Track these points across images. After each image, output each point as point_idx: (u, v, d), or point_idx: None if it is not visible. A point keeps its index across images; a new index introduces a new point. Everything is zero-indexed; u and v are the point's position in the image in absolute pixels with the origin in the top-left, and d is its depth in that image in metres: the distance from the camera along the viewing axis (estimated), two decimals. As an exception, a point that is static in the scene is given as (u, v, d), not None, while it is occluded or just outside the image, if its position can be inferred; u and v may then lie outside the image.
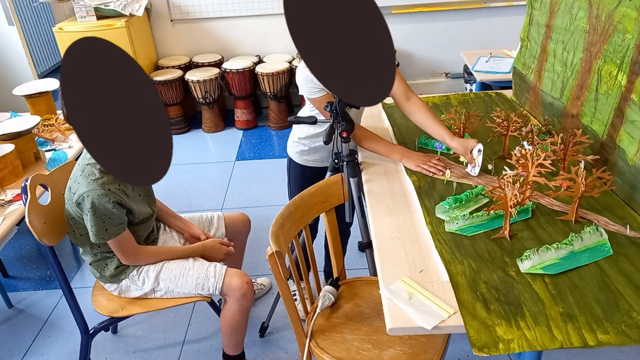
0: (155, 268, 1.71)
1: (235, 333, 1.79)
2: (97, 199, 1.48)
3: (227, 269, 1.72)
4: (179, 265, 1.72)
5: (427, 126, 1.72)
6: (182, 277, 1.70)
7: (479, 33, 4.18)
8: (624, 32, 1.41)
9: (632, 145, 1.38)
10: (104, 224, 1.52)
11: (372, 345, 1.45)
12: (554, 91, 1.83)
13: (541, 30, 1.94)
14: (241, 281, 1.69)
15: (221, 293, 1.70)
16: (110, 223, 1.53)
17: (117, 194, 1.52)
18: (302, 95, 1.77)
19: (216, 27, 4.18)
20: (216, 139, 4.06)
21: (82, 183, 1.50)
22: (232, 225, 2.00)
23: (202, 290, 1.70)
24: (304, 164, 1.96)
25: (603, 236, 1.28)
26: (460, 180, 1.58)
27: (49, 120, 2.40)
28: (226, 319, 1.76)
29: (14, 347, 2.14)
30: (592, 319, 1.05)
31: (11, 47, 3.99)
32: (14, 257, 2.74)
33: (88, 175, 1.50)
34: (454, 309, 1.10)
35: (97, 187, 1.48)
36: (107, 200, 1.49)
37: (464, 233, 1.34)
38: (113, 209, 1.51)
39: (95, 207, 1.48)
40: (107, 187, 1.50)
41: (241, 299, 1.70)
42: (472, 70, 3.03)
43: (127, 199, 1.57)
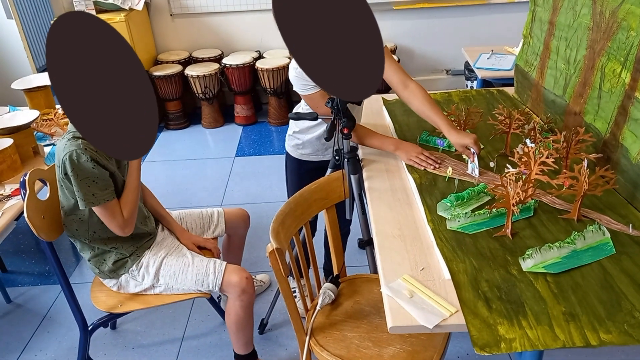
0: (155, 264, 1.70)
1: (242, 330, 1.78)
2: (75, 157, 1.47)
3: (226, 265, 1.71)
4: (179, 261, 1.72)
5: (425, 115, 1.69)
6: (181, 274, 1.69)
7: (480, 29, 4.16)
8: (628, 29, 1.40)
9: (636, 144, 1.37)
10: (90, 188, 1.50)
11: (372, 343, 1.44)
12: (557, 89, 1.82)
13: (544, 27, 1.93)
14: (240, 277, 1.69)
15: (221, 289, 1.69)
16: (96, 187, 1.51)
17: (94, 152, 1.50)
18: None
19: (216, 22, 4.16)
20: (216, 135, 4.04)
21: (60, 151, 1.50)
22: (231, 221, 1.99)
23: (202, 287, 1.69)
24: (300, 158, 1.96)
25: (605, 235, 1.27)
26: (462, 178, 1.58)
27: (48, 115, 2.38)
28: (230, 317, 1.75)
29: (13, 343, 2.13)
30: (595, 319, 1.05)
31: (10, 41, 3.97)
32: (13, 252, 2.73)
33: (66, 142, 1.50)
34: (455, 307, 1.10)
35: (73, 146, 1.47)
36: (85, 159, 1.48)
37: (466, 231, 1.33)
38: (93, 169, 1.49)
39: (76, 166, 1.48)
40: (83, 147, 1.48)
41: (241, 294, 1.69)
42: (473, 67, 3.02)
43: (106, 158, 1.55)
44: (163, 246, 1.77)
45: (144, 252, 1.73)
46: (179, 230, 1.87)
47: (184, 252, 1.77)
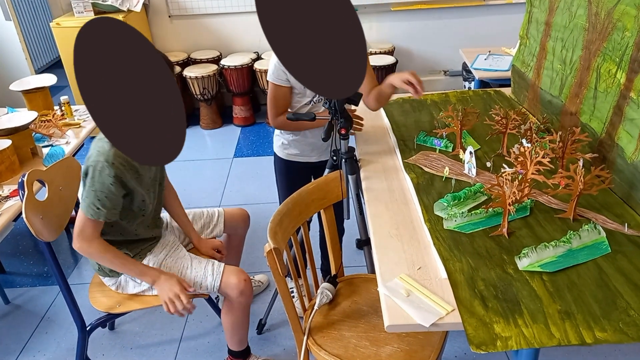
0: (155, 266, 1.70)
1: (238, 330, 1.79)
2: (99, 168, 1.48)
3: (225, 267, 1.71)
4: (177, 263, 1.72)
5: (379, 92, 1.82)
6: (180, 276, 1.69)
7: (478, 31, 4.17)
8: (623, 29, 1.41)
9: (631, 144, 1.38)
10: (97, 200, 1.50)
11: (369, 343, 1.45)
12: (553, 89, 1.83)
13: (540, 27, 1.94)
14: (238, 279, 1.69)
15: (219, 291, 1.70)
16: (102, 202, 1.51)
17: (120, 168, 1.51)
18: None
19: (214, 24, 4.17)
20: (214, 136, 4.05)
21: (94, 151, 1.51)
22: (231, 221, 2.00)
23: (200, 289, 1.69)
24: (287, 159, 1.98)
25: (601, 234, 1.28)
26: (458, 178, 1.58)
27: (46, 116, 2.39)
28: (227, 317, 1.76)
29: (11, 344, 2.14)
30: (590, 317, 1.05)
31: (8, 43, 3.98)
32: (11, 253, 2.73)
33: (98, 149, 1.51)
34: (452, 306, 1.10)
35: (102, 157, 1.48)
36: (107, 173, 1.48)
37: (462, 230, 1.34)
38: (111, 185, 1.49)
39: (96, 176, 1.48)
40: (112, 160, 1.49)
41: (240, 296, 1.70)
42: (470, 67, 3.03)
43: (132, 175, 1.55)
44: (163, 248, 1.77)
45: (145, 255, 1.73)
46: (196, 239, 1.88)
47: (183, 254, 1.77)
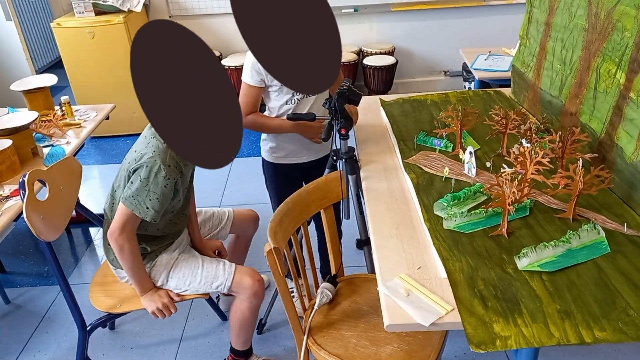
0: (168, 264, 1.71)
1: (244, 330, 1.80)
2: (156, 170, 1.47)
3: (237, 267, 1.72)
4: (189, 263, 1.73)
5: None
6: (191, 276, 1.70)
7: (478, 31, 4.18)
8: (623, 30, 1.41)
9: (630, 144, 1.38)
10: (147, 200, 1.49)
11: (369, 342, 1.45)
12: (553, 89, 1.83)
13: (540, 28, 1.94)
14: (253, 279, 1.70)
15: (230, 291, 1.70)
16: (152, 202, 1.50)
17: (174, 170, 1.51)
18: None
19: (215, 24, 4.17)
20: (214, 136, 4.05)
21: (149, 150, 1.50)
22: (241, 222, 2.00)
23: (210, 289, 1.70)
24: (275, 162, 1.98)
25: (600, 234, 1.28)
26: (458, 178, 1.59)
27: (47, 116, 2.39)
28: (236, 315, 1.76)
29: (12, 344, 2.14)
30: (589, 316, 1.06)
31: (9, 43, 3.98)
32: (12, 253, 2.74)
33: (154, 148, 1.50)
34: (451, 305, 1.11)
35: (159, 159, 1.48)
36: (163, 176, 1.48)
37: (462, 230, 1.34)
38: (164, 187, 1.49)
39: (152, 177, 1.48)
40: (168, 162, 1.49)
41: (252, 296, 1.70)
42: (471, 68, 3.03)
43: (179, 176, 1.55)
44: (177, 247, 1.77)
45: (161, 252, 1.73)
46: (198, 239, 1.89)
47: (195, 253, 1.78)
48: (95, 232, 2.89)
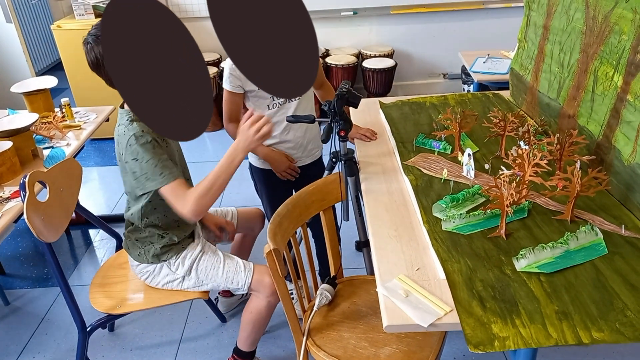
0: (192, 257, 1.72)
1: (256, 330, 1.79)
2: (135, 146, 1.46)
3: (256, 266, 1.73)
4: (212, 258, 1.74)
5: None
6: (213, 270, 1.71)
7: (477, 34, 4.19)
8: (620, 33, 1.42)
9: (628, 146, 1.39)
10: (162, 166, 1.46)
11: (368, 344, 1.46)
12: (551, 92, 1.84)
13: (538, 31, 1.95)
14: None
15: (249, 289, 1.71)
16: (165, 165, 1.47)
17: (149, 132, 1.49)
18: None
19: (215, 26, 4.18)
20: (214, 138, 4.06)
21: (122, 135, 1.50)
22: (247, 221, 2.01)
23: (231, 285, 1.71)
24: (265, 167, 1.98)
25: (598, 236, 1.29)
26: (457, 180, 1.59)
27: (47, 118, 2.40)
28: (251, 315, 1.75)
29: (11, 345, 2.14)
30: (587, 317, 1.06)
31: (9, 45, 3.99)
32: (11, 254, 2.74)
33: (119, 134, 1.51)
34: (450, 306, 1.11)
35: (130, 135, 1.47)
36: (145, 141, 1.46)
37: (461, 232, 1.35)
38: (154, 149, 1.47)
39: (139, 154, 1.46)
40: (139, 133, 1.47)
41: (271, 295, 1.71)
42: (469, 71, 3.04)
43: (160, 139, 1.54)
44: (198, 244, 1.78)
45: (188, 244, 1.74)
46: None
47: (215, 250, 1.79)
48: (94, 234, 2.89)
